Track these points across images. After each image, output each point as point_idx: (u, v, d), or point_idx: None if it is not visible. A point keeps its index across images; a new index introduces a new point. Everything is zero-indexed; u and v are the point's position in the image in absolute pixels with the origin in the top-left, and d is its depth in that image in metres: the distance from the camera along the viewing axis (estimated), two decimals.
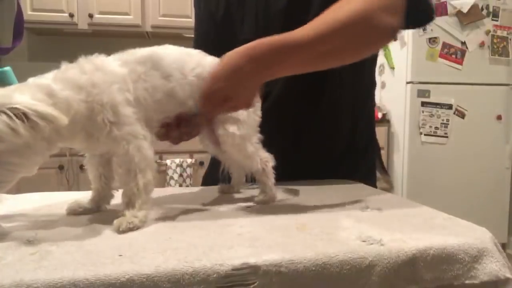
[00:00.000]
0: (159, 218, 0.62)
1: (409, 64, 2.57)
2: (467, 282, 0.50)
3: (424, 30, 2.54)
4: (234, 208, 0.71)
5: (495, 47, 2.67)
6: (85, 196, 0.70)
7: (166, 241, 0.52)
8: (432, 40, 2.58)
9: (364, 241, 0.51)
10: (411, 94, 2.58)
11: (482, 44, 2.65)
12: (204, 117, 0.69)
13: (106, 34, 2.75)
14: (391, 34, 0.71)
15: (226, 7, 0.95)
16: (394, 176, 2.75)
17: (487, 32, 2.65)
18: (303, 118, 0.95)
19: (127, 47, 0.67)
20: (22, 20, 1.06)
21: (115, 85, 0.60)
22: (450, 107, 2.63)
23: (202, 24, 1.03)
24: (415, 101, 2.59)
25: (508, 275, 0.51)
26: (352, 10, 0.66)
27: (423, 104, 2.60)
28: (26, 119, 0.50)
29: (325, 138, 0.96)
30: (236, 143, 0.71)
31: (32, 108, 0.51)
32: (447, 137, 2.65)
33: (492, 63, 2.68)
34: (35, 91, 0.54)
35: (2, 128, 0.49)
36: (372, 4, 0.67)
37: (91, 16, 2.59)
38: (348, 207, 0.69)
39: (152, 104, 0.65)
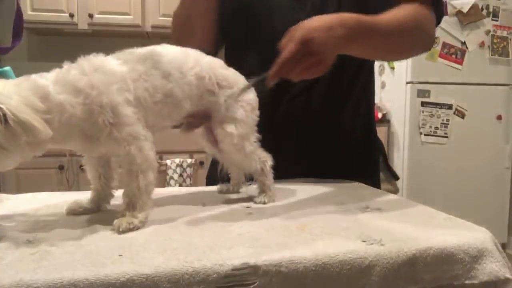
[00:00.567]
0: (159, 218, 0.62)
1: (409, 64, 2.57)
2: (467, 282, 0.50)
3: None
4: (234, 208, 0.71)
5: (495, 47, 2.67)
6: (85, 196, 0.70)
7: (166, 241, 0.52)
8: None
9: (364, 241, 0.51)
10: (411, 94, 2.58)
11: (482, 44, 2.64)
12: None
13: (106, 34, 2.74)
14: (433, 41, 0.85)
15: None
16: None
17: (487, 32, 2.65)
18: (323, 115, 0.94)
19: (127, 47, 0.66)
20: (21, 19, 1.06)
21: (115, 85, 0.59)
22: (450, 107, 2.63)
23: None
24: (415, 101, 2.59)
25: (508, 275, 0.51)
26: (409, 14, 0.76)
27: (423, 104, 2.60)
28: (5, 121, 0.49)
29: (337, 135, 0.96)
30: (235, 142, 0.71)
31: (14, 113, 0.49)
32: (447, 137, 2.65)
33: (492, 63, 2.68)
34: (29, 94, 0.53)
35: None
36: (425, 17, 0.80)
37: (91, 16, 2.58)
38: (348, 207, 0.69)
39: (152, 106, 0.64)
